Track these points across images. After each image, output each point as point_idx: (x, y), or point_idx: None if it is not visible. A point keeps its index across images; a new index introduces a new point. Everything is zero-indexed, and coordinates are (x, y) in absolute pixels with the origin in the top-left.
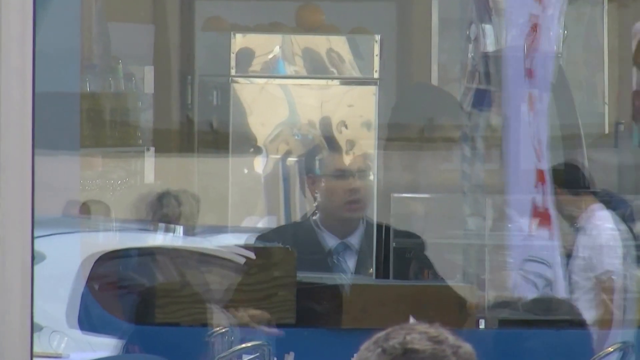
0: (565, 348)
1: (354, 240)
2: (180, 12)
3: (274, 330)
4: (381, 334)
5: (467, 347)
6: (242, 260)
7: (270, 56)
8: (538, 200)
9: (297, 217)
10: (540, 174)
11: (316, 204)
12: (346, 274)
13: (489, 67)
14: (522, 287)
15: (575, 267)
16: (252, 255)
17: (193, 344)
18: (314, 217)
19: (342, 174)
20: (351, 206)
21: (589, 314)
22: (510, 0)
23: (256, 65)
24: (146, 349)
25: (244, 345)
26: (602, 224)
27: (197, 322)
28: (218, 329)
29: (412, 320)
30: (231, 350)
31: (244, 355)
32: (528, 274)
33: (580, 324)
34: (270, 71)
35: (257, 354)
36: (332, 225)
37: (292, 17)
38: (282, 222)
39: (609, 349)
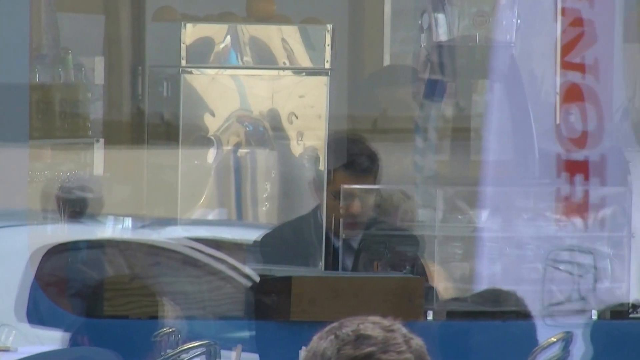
0: (511, 339)
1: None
2: (130, 2)
3: None
4: (335, 323)
5: (418, 340)
6: (192, 253)
7: (221, 47)
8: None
9: (248, 209)
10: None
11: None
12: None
13: (441, 57)
14: (552, 278)
15: None
16: (201, 247)
17: (141, 337)
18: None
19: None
20: None
21: None
22: None
23: (207, 55)
24: (94, 341)
25: (190, 345)
26: None
27: (146, 315)
28: (165, 329)
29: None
30: (179, 349)
31: (191, 352)
32: (557, 264)
33: (526, 315)
34: (221, 62)
35: (204, 350)
36: None
37: (243, 7)
38: (234, 215)
39: (552, 338)
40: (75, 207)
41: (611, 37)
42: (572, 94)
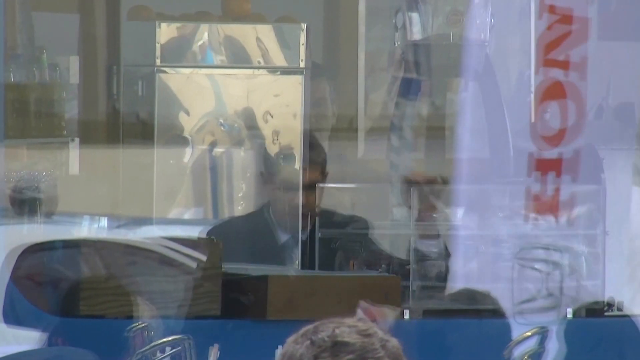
0: (487, 338)
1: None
2: (105, 1)
3: None
4: (309, 327)
5: (394, 341)
6: (168, 252)
7: (196, 46)
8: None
9: (224, 208)
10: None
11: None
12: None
13: (416, 56)
14: (527, 276)
15: None
16: (177, 246)
17: (117, 336)
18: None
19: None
20: None
21: None
22: None
23: (182, 55)
24: (70, 341)
25: (165, 340)
26: None
27: (122, 314)
28: (137, 324)
29: (360, 313)
30: (153, 344)
31: (166, 348)
32: (527, 262)
33: (500, 313)
34: (196, 61)
35: (179, 347)
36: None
37: (218, 6)
38: (210, 214)
39: (527, 333)
40: (45, 207)
41: (586, 34)
42: (547, 92)
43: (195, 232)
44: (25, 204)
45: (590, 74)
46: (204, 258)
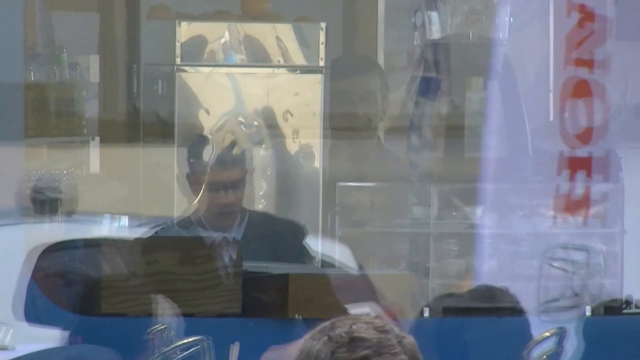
0: (507, 336)
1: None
2: (125, 0)
3: None
4: (326, 323)
5: (410, 338)
6: (188, 251)
7: (216, 45)
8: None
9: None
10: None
11: None
12: None
13: (435, 55)
14: (547, 274)
15: None
16: (197, 245)
17: (137, 335)
18: None
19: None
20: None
21: None
22: None
23: (202, 53)
24: (91, 339)
25: (184, 341)
26: None
27: (142, 313)
28: (157, 326)
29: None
30: (172, 345)
31: (186, 348)
32: (549, 261)
33: (520, 311)
34: (216, 60)
35: (199, 347)
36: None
37: (237, 5)
38: None
39: (546, 333)
40: (66, 206)
41: (606, 34)
42: (580, 89)
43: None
44: (46, 203)
45: (611, 73)
46: (224, 256)
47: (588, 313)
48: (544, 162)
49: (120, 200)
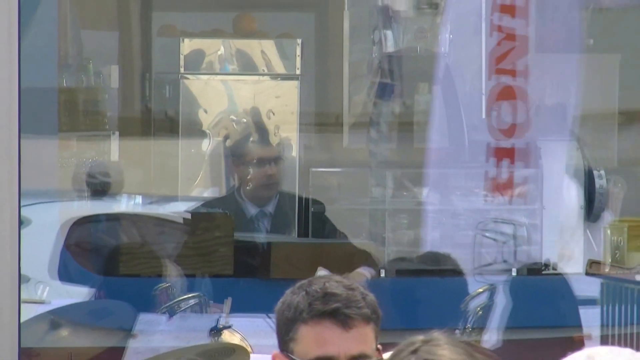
0: (448, 294)
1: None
2: (139, 20)
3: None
4: (304, 281)
5: (372, 296)
6: (190, 224)
7: (213, 57)
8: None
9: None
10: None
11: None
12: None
13: (390, 65)
14: (479, 248)
15: None
16: (200, 219)
17: (148, 292)
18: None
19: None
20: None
21: None
22: (406, 11)
23: (201, 64)
24: (112, 295)
25: (184, 297)
26: None
27: (154, 273)
28: (162, 284)
29: (320, 271)
30: (175, 300)
31: (182, 304)
32: (483, 232)
33: (459, 272)
34: (213, 69)
35: (196, 303)
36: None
37: (230, 25)
38: (224, 193)
39: (480, 290)
40: (98, 187)
41: (527, 48)
42: (497, 94)
43: (211, 208)
44: (97, 185)
45: (532, 79)
46: (219, 228)
47: (514, 274)
48: (477, 151)
49: (135, 182)
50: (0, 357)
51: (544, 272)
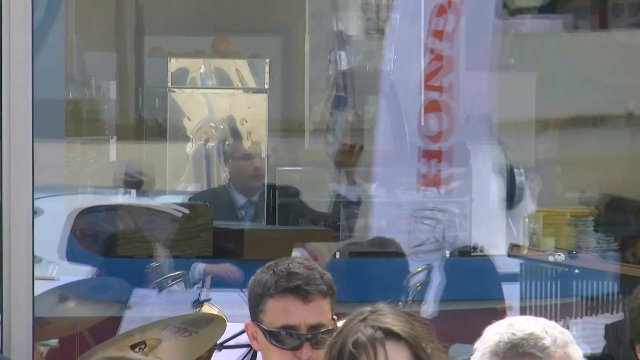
0: (392, 272)
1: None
2: (134, 43)
3: None
4: (272, 262)
5: (328, 274)
6: (176, 213)
7: (195, 73)
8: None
9: (214, 184)
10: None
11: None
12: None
13: (344, 81)
14: (418, 235)
15: None
16: (184, 209)
17: (141, 270)
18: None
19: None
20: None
21: None
22: (357, 35)
23: (185, 79)
24: (110, 274)
25: (171, 274)
26: None
27: (146, 255)
28: (153, 264)
29: (295, 252)
30: (163, 277)
31: (170, 280)
32: (422, 220)
33: (401, 254)
34: (195, 84)
35: (181, 280)
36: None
37: (209, 47)
38: (205, 187)
39: (419, 269)
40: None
41: (452, 68)
42: (432, 106)
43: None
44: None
45: (462, 94)
46: (201, 217)
47: (447, 255)
48: (416, 153)
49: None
50: (17, 324)
51: (472, 254)
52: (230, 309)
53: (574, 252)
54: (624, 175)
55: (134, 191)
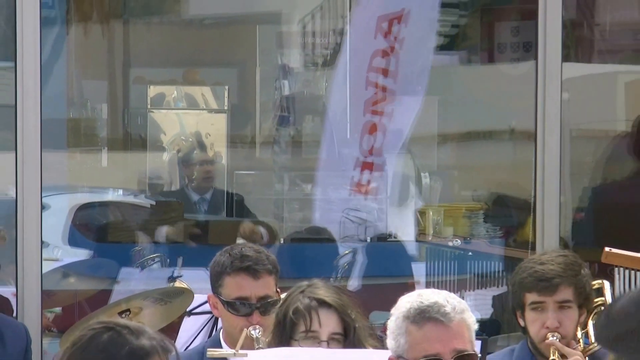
0: (325, 254)
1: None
2: (121, 73)
3: None
4: (228, 247)
5: (273, 256)
6: (154, 208)
7: (170, 97)
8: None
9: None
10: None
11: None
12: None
13: (287, 103)
14: (345, 224)
15: None
16: (161, 205)
17: (127, 253)
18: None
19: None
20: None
21: None
22: (298, 68)
23: (162, 102)
24: (103, 256)
25: (152, 256)
26: None
27: (130, 240)
28: (136, 248)
29: (239, 240)
30: (144, 258)
31: (149, 261)
32: (350, 217)
33: (333, 240)
34: (170, 105)
35: (159, 261)
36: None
37: (181, 76)
38: (178, 187)
39: (346, 252)
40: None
41: (387, 97)
42: (365, 128)
43: (168, 197)
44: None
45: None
46: (174, 210)
47: (368, 241)
48: (352, 163)
49: (118, 181)
50: (29, 296)
51: (388, 240)
52: (197, 283)
53: (468, 239)
54: (507, 178)
55: (120, 190)
